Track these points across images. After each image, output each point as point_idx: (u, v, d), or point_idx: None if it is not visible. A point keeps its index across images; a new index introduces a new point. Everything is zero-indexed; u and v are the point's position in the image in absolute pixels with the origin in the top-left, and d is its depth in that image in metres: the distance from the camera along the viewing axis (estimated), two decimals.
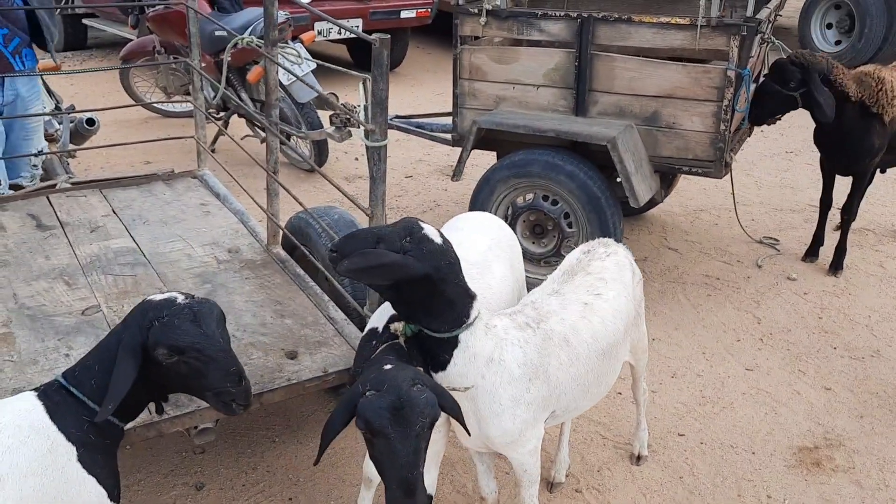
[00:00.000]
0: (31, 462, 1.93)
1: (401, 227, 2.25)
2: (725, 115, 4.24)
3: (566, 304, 2.62)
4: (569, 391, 2.57)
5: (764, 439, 3.56)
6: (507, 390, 2.37)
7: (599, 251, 2.89)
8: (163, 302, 2.13)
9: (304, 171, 6.53)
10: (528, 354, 2.41)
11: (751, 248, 5.40)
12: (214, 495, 3.15)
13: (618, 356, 2.80)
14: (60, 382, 2.10)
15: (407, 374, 2.06)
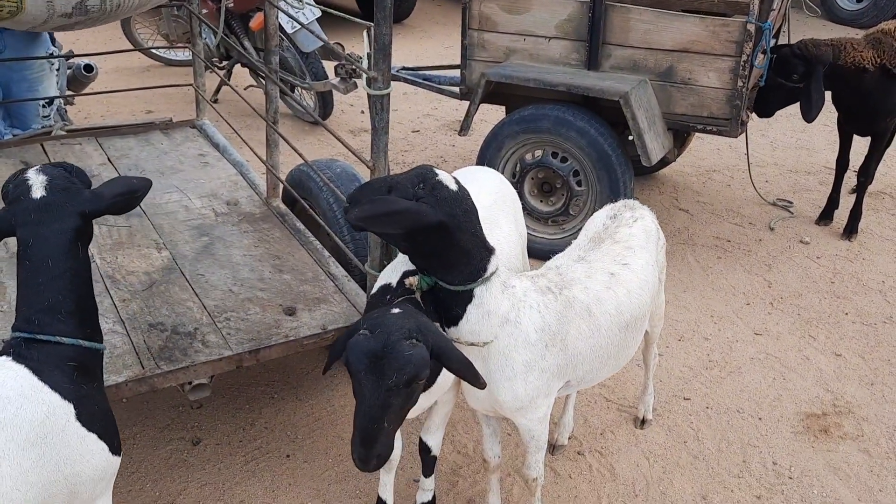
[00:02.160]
0: (29, 433, 1.78)
1: (414, 174, 2.15)
2: (743, 70, 4.09)
3: (592, 273, 2.52)
4: (586, 362, 2.48)
5: (771, 405, 3.49)
6: (521, 354, 2.28)
7: (626, 216, 2.77)
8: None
9: (308, 123, 6.40)
10: (547, 320, 2.31)
11: (763, 211, 5.28)
12: (211, 450, 3.11)
13: (641, 328, 2.71)
14: (25, 337, 1.89)
15: (406, 325, 1.96)
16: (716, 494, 3.00)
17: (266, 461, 3.07)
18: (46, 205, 1.95)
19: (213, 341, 2.72)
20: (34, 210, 1.94)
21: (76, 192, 2.01)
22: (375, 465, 1.96)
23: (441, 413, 2.66)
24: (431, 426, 2.69)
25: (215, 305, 2.91)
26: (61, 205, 1.96)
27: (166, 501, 2.86)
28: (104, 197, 2.02)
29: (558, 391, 2.52)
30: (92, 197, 2.02)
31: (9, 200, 2.00)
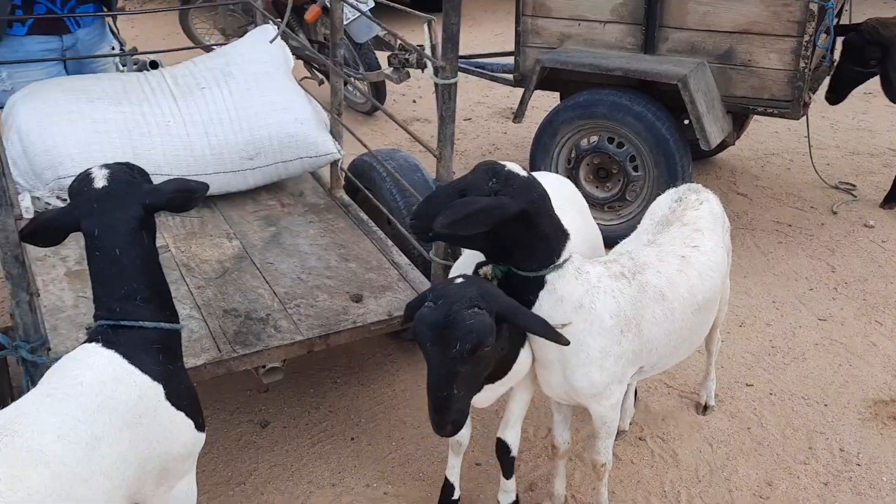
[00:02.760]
0: (125, 414, 1.86)
1: (481, 171, 2.17)
2: (806, 51, 4.02)
3: (663, 257, 2.52)
4: (660, 347, 2.48)
5: (837, 391, 3.45)
6: (596, 340, 2.29)
7: (691, 199, 2.76)
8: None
9: (360, 113, 6.47)
10: (622, 305, 2.32)
11: (825, 194, 5.18)
12: (279, 433, 3.21)
13: (712, 310, 2.69)
14: (110, 324, 1.97)
15: (468, 293, 2.00)
16: (781, 481, 2.98)
17: (331, 443, 3.16)
18: (108, 195, 2.01)
19: (285, 326, 2.81)
20: (97, 200, 2.00)
21: (137, 185, 2.09)
22: (451, 431, 2.03)
23: (518, 405, 2.62)
24: (509, 420, 2.65)
25: (285, 292, 3.00)
26: (123, 195, 2.03)
27: (238, 481, 2.97)
28: (164, 192, 2.08)
29: (631, 377, 2.52)
30: (152, 190, 2.09)
31: (73, 196, 2.08)
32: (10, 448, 1.68)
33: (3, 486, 1.63)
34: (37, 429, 1.74)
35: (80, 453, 1.76)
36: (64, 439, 1.75)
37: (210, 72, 3.59)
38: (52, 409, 1.78)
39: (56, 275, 3.01)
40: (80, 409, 1.80)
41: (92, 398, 1.83)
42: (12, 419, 1.76)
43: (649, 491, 2.94)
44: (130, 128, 3.30)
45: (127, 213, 2.00)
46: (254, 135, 3.44)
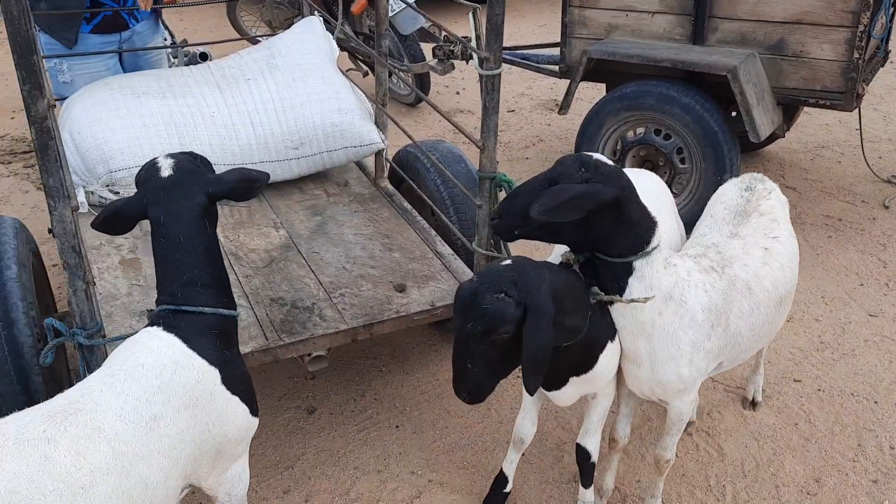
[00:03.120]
0: (182, 397, 1.93)
1: (570, 163, 2.18)
2: (860, 41, 3.93)
3: (749, 249, 2.50)
4: (742, 341, 2.45)
5: (888, 388, 3.38)
6: (687, 334, 2.27)
7: (760, 188, 2.72)
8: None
9: (404, 105, 6.50)
10: (714, 300, 2.30)
11: (877, 188, 5.06)
12: (325, 419, 3.26)
13: (789, 302, 2.66)
14: (171, 309, 2.03)
15: (504, 278, 2.01)
16: (829, 477, 2.94)
17: (377, 430, 3.20)
18: (174, 183, 2.09)
19: (330, 315, 2.85)
20: (163, 188, 2.08)
21: (201, 174, 2.16)
22: (468, 400, 2.13)
23: (599, 410, 2.56)
24: (590, 427, 2.58)
25: (330, 282, 3.04)
26: (188, 183, 2.10)
27: (286, 466, 3.03)
28: (226, 181, 2.14)
29: (710, 372, 2.49)
30: (215, 179, 2.15)
31: (140, 184, 2.16)
32: (74, 426, 1.76)
33: (68, 462, 1.70)
34: (99, 408, 1.81)
35: (139, 432, 1.82)
36: (124, 418, 1.82)
37: (256, 63, 3.65)
38: (114, 389, 1.86)
39: (111, 263, 3.10)
40: (141, 390, 1.87)
41: (152, 380, 1.89)
42: (76, 398, 1.83)
43: (694, 485, 2.92)
44: (177, 120, 3.38)
45: (191, 200, 2.07)
46: (299, 124, 3.49)
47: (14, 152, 5.66)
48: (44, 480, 1.65)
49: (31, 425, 1.73)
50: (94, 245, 3.19)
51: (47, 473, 1.67)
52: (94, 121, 3.33)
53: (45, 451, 1.69)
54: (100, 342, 2.28)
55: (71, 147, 3.33)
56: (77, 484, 1.69)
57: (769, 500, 2.85)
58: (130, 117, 3.36)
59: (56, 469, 1.68)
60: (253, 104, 3.49)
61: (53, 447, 1.70)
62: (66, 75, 3.68)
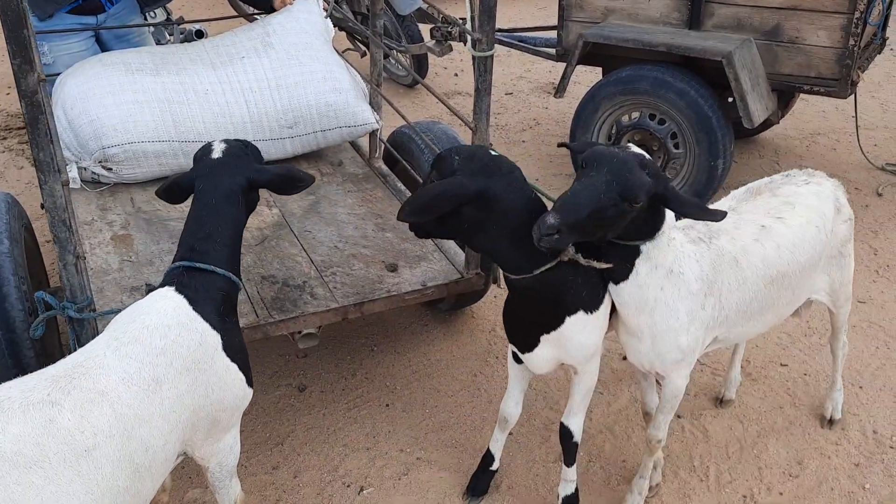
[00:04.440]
0: (185, 359, 1.96)
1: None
2: (856, 28, 3.93)
3: (740, 224, 2.48)
4: (732, 316, 2.45)
5: (873, 374, 3.42)
6: (684, 304, 2.30)
7: (799, 178, 2.70)
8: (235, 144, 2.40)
9: (402, 86, 6.49)
10: (704, 269, 2.33)
11: (871, 176, 5.07)
12: (316, 397, 3.29)
13: (793, 289, 2.60)
14: (186, 266, 2.12)
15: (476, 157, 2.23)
16: (812, 460, 2.98)
17: (367, 409, 3.23)
18: (220, 164, 2.28)
19: (321, 294, 2.87)
20: (210, 166, 2.27)
21: (247, 161, 2.33)
22: (402, 219, 2.22)
23: (581, 389, 2.56)
24: (573, 406, 2.59)
25: (322, 260, 3.06)
26: (232, 166, 2.27)
27: (276, 442, 3.06)
28: (268, 172, 2.31)
29: (707, 347, 2.51)
30: (259, 169, 2.31)
31: (195, 162, 2.34)
32: (78, 389, 1.79)
33: (72, 426, 1.74)
34: (103, 370, 1.85)
35: (141, 395, 1.86)
36: (128, 381, 1.86)
37: (250, 41, 3.65)
38: (118, 352, 1.89)
39: (102, 239, 3.12)
40: (145, 352, 1.91)
41: (156, 341, 1.94)
42: (80, 362, 1.87)
43: (678, 465, 2.96)
44: (170, 97, 3.38)
45: (232, 180, 2.24)
46: (293, 103, 3.50)
47: (10, 128, 5.66)
48: (48, 443, 1.69)
49: (35, 389, 1.77)
50: (86, 220, 3.21)
51: (52, 436, 1.70)
52: (87, 97, 3.33)
53: (49, 413, 1.72)
54: (90, 315, 2.30)
55: (64, 123, 3.33)
56: (81, 446, 1.73)
57: (752, 482, 2.88)
58: (123, 94, 3.36)
59: (60, 432, 1.71)
60: (247, 82, 3.49)
61: (58, 410, 1.73)
62: (47, 57, 3.67)
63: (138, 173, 3.40)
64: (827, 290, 2.79)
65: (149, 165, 3.39)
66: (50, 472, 1.67)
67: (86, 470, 1.72)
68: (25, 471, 1.64)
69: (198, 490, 2.82)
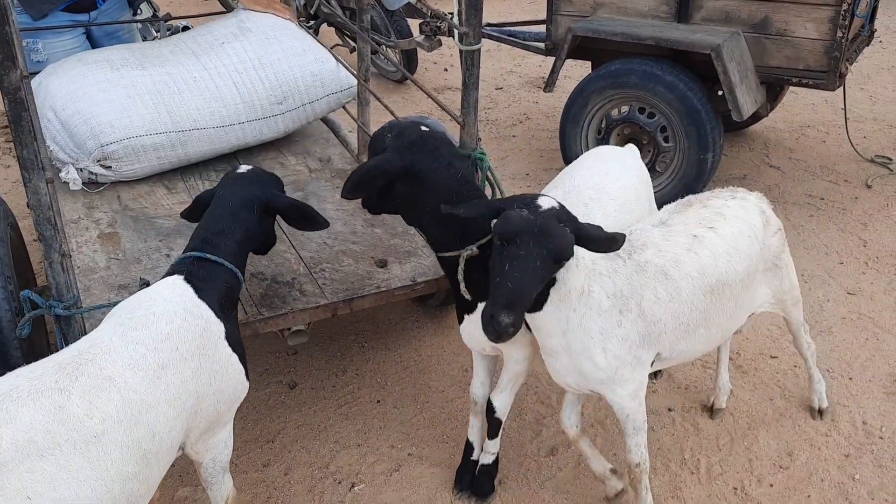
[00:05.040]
0: (189, 345, 1.99)
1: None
2: (844, 20, 3.93)
3: (670, 236, 2.45)
4: (670, 330, 2.39)
5: (863, 365, 3.43)
6: (596, 322, 2.27)
7: (724, 193, 2.69)
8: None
9: (392, 81, 6.48)
10: (618, 285, 2.29)
11: (860, 168, 5.09)
12: (306, 394, 3.28)
13: (735, 300, 2.55)
14: (197, 256, 2.18)
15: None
16: (802, 451, 2.99)
17: (358, 405, 3.22)
18: (243, 177, 2.46)
19: (310, 290, 2.86)
20: (233, 178, 2.46)
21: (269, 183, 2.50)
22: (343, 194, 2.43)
23: (508, 373, 2.62)
24: (500, 384, 2.67)
25: (311, 257, 3.05)
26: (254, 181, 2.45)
27: (267, 439, 3.05)
28: (283, 201, 2.46)
29: (654, 364, 2.46)
30: (275, 195, 2.46)
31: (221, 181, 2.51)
32: (85, 375, 1.80)
33: (81, 412, 1.74)
34: (109, 356, 1.86)
35: (148, 380, 1.88)
36: (134, 367, 1.87)
37: (226, 28, 3.73)
38: (124, 338, 1.91)
39: (89, 237, 3.10)
40: (150, 338, 1.93)
41: (162, 326, 1.96)
42: (86, 349, 1.88)
43: (669, 458, 2.96)
44: (160, 89, 3.38)
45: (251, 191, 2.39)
46: (279, 78, 3.58)
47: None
48: (58, 430, 1.70)
49: (43, 377, 1.77)
50: (72, 219, 3.19)
51: (62, 423, 1.71)
52: (77, 97, 3.30)
53: (58, 401, 1.73)
54: (77, 312, 2.29)
55: (57, 125, 3.30)
56: (90, 432, 1.74)
57: (742, 473, 2.89)
58: (114, 90, 3.34)
59: (70, 419, 1.72)
60: (232, 65, 3.55)
61: (66, 397, 1.74)
62: (40, 54, 3.66)
63: (137, 169, 3.38)
64: (771, 300, 2.77)
65: (148, 160, 3.38)
66: (61, 460, 1.68)
67: (96, 456, 1.73)
68: (38, 459, 1.65)
69: (188, 488, 2.81)
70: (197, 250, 2.20)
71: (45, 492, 1.64)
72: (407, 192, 2.35)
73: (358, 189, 2.36)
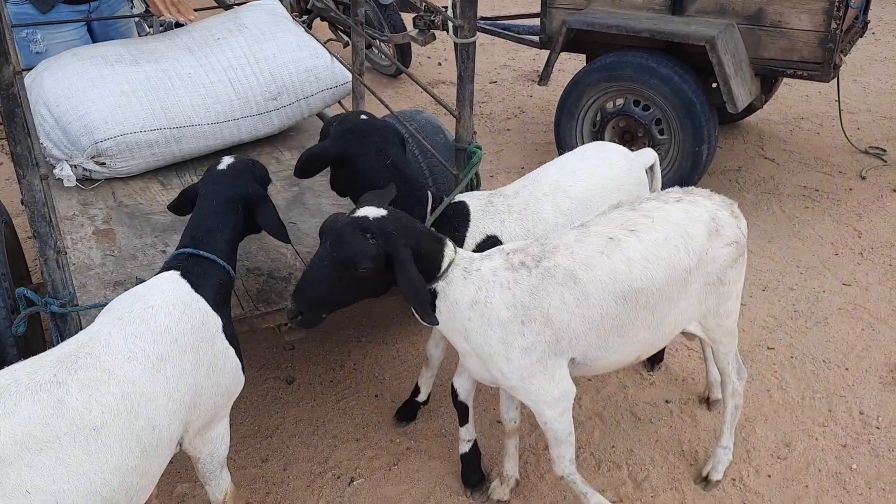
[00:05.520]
0: (188, 338, 2.00)
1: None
2: (838, 11, 3.94)
3: (584, 238, 2.31)
4: (581, 335, 2.28)
5: (859, 356, 3.44)
6: (495, 332, 2.23)
7: (671, 196, 2.47)
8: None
9: (385, 76, 6.46)
10: (518, 296, 2.21)
11: (854, 159, 5.10)
12: (304, 389, 3.28)
13: (652, 310, 2.34)
14: (190, 252, 2.20)
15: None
16: (799, 442, 3.00)
17: (356, 400, 3.22)
18: (223, 174, 2.49)
19: None
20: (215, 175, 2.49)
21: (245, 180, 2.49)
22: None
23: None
24: (459, 368, 2.68)
25: (307, 252, 3.04)
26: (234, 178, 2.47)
27: (265, 435, 3.05)
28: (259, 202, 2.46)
29: (574, 372, 2.38)
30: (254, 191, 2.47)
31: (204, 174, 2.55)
32: (84, 369, 1.80)
33: (80, 405, 1.74)
34: (108, 349, 1.86)
35: (147, 373, 1.88)
36: (133, 360, 1.87)
37: (222, 24, 3.72)
38: (123, 331, 1.91)
39: (84, 234, 3.08)
40: (149, 331, 1.93)
41: (161, 319, 1.97)
42: (84, 342, 1.87)
43: (667, 450, 2.97)
44: (155, 85, 3.36)
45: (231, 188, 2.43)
46: (274, 74, 3.57)
47: None
48: (58, 423, 1.70)
49: (41, 370, 1.77)
50: (67, 215, 3.17)
51: (61, 416, 1.71)
52: (71, 93, 3.28)
53: (57, 394, 1.73)
54: (73, 310, 2.27)
55: (50, 121, 3.28)
56: (90, 426, 1.73)
57: (740, 464, 2.90)
58: (108, 86, 3.32)
59: (69, 412, 1.72)
60: (227, 61, 3.53)
61: (65, 390, 1.74)
62: (39, 45, 3.63)
63: (132, 166, 3.37)
64: (700, 319, 2.52)
65: (142, 157, 3.36)
66: (60, 453, 1.68)
67: (95, 449, 1.73)
68: (37, 453, 1.65)
69: (187, 485, 2.80)
70: (189, 247, 2.23)
71: (45, 485, 1.64)
72: (346, 176, 2.59)
73: (303, 173, 2.65)
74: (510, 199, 2.65)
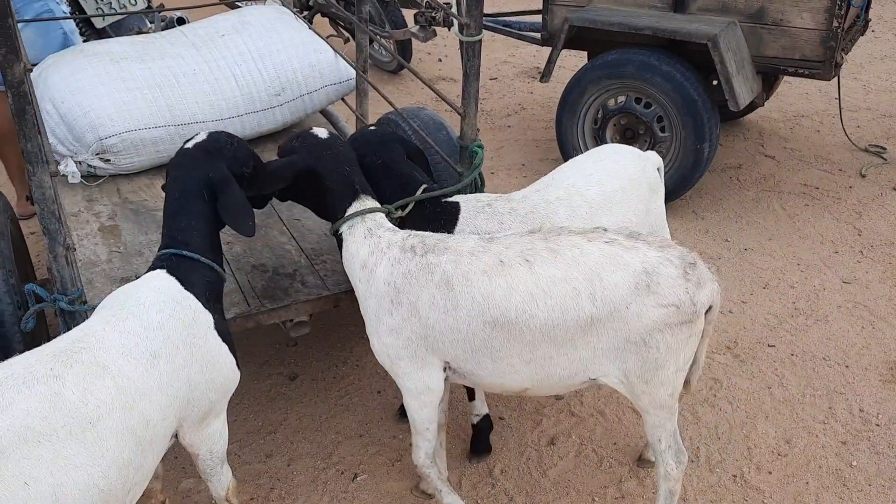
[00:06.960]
0: (180, 334, 2.02)
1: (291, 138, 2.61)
2: (840, 10, 3.95)
3: (478, 252, 2.23)
4: (448, 342, 2.25)
5: (859, 353, 3.46)
6: (371, 301, 2.34)
7: (609, 235, 2.24)
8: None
9: (386, 72, 6.46)
10: (394, 276, 2.27)
11: (854, 157, 5.12)
12: (307, 385, 3.29)
13: (531, 348, 2.21)
14: (174, 253, 2.18)
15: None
16: (800, 439, 3.02)
17: (359, 396, 3.24)
18: (188, 155, 2.35)
19: (312, 282, 2.87)
20: (180, 156, 2.36)
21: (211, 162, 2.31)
22: None
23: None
24: None
25: (312, 248, 3.05)
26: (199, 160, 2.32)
27: (269, 431, 3.06)
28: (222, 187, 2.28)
29: (454, 379, 2.38)
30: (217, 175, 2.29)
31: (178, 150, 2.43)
32: (79, 363, 1.82)
33: (76, 398, 1.76)
34: (102, 345, 1.89)
35: (141, 368, 1.90)
36: (127, 355, 1.90)
37: (227, 21, 3.77)
38: (116, 328, 1.94)
39: (90, 230, 3.09)
40: (142, 327, 1.96)
41: (153, 315, 2.00)
42: (79, 338, 1.90)
43: None
44: (160, 82, 3.38)
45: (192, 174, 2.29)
46: (278, 70, 3.61)
47: None
48: (55, 417, 1.72)
49: (37, 364, 1.79)
50: (73, 212, 3.18)
51: (58, 409, 1.73)
52: (76, 89, 3.30)
53: (54, 388, 1.75)
54: (82, 308, 2.28)
55: (56, 118, 3.29)
56: (86, 419, 1.75)
57: (741, 461, 2.92)
58: (113, 83, 3.34)
59: (65, 405, 1.74)
60: (231, 57, 3.56)
61: (61, 384, 1.76)
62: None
63: (136, 162, 3.38)
64: (621, 378, 2.27)
65: (147, 153, 3.38)
66: (58, 446, 1.70)
67: (91, 442, 1.75)
68: (35, 446, 1.67)
69: (191, 480, 2.82)
70: (170, 248, 2.20)
71: (43, 477, 1.66)
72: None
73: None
74: (515, 203, 2.63)
